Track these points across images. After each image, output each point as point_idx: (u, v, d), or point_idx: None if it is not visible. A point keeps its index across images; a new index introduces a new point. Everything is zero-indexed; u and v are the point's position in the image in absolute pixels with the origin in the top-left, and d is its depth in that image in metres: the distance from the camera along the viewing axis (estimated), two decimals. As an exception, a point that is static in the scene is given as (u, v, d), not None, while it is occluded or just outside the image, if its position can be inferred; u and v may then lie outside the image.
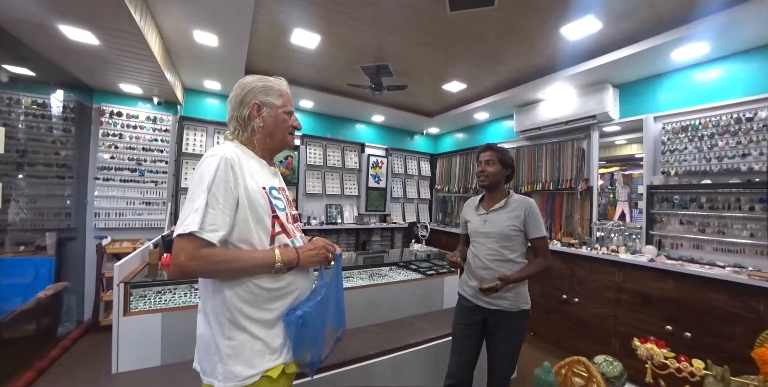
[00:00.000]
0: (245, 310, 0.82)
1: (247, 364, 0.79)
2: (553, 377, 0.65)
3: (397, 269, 2.79)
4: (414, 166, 5.29)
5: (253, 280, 0.83)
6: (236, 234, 0.82)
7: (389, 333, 1.96)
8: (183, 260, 0.74)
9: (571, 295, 2.68)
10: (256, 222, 0.84)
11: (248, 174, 0.86)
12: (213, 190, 0.78)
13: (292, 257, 0.86)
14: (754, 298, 1.84)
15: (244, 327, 0.81)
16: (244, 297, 0.82)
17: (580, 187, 3.10)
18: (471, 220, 1.66)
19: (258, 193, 0.86)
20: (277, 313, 0.86)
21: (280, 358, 0.85)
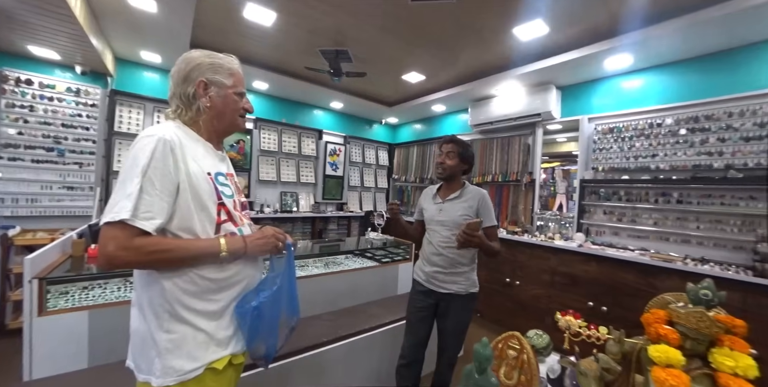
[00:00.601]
0: (187, 302, 0.77)
1: (188, 358, 0.76)
2: (490, 351, 0.72)
3: (353, 257, 2.81)
4: (372, 155, 5.28)
5: (195, 270, 0.78)
6: (176, 222, 0.76)
7: (344, 320, 1.99)
8: (112, 250, 0.67)
9: (513, 279, 2.94)
10: (199, 209, 0.79)
11: (191, 158, 0.80)
12: (149, 174, 0.71)
13: (239, 246, 0.82)
14: (654, 275, 2.18)
15: (185, 319, 0.77)
16: (186, 288, 0.77)
17: (525, 180, 3.35)
18: (427, 209, 1.72)
19: (202, 178, 0.80)
20: (223, 303, 0.82)
21: (227, 349, 0.82)
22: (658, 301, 0.66)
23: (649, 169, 2.61)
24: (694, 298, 0.59)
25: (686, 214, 2.42)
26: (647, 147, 2.64)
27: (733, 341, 0.55)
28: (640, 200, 2.62)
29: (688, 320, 0.56)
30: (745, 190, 2.20)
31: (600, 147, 2.90)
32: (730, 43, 2.32)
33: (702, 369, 0.56)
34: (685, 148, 2.46)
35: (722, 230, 2.26)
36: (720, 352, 0.55)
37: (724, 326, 0.55)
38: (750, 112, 2.24)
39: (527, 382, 0.86)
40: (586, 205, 2.92)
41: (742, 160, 2.23)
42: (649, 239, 2.57)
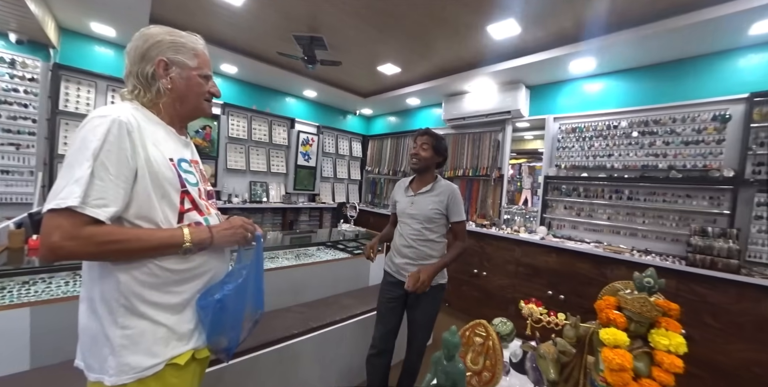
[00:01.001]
0: (146, 295, 0.73)
1: (147, 354, 0.72)
2: (458, 339, 0.76)
3: (325, 249, 2.79)
4: (345, 146, 5.22)
5: (156, 261, 0.74)
6: (134, 210, 0.71)
7: (314, 311, 1.98)
8: (56, 240, 0.61)
9: (480, 270, 3.08)
10: (160, 197, 0.74)
11: (151, 142, 0.75)
12: (101, 158, 0.66)
13: (205, 236, 0.79)
14: (605, 266, 2.38)
15: (143, 313, 0.73)
16: (145, 281, 0.73)
17: (494, 175, 3.49)
18: (399, 201, 1.74)
19: (163, 164, 0.76)
20: (186, 296, 0.79)
21: (189, 343, 0.79)
22: (609, 288, 0.73)
23: (605, 168, 2.81)
24: (638, 286, 0.66)
25: (634, 210, 2.65)
26: (605, 147, 2.83)
27: (668, 323, 0.62)
28: (597, 196, 2.83)
29: (633, 305, 0.63)
30: (683, 189, 2.45)
31: (563, 145, 3.08)
32: (677, 55, 2.55)
33: (643, 348, 0.63)
34: (636, 150, 2.68)
35: (663, 225, 2.51)
36: (657, 332, 0.62)
37: (662, 310, 0.62)
38: (690, 118, 2.47)
39: (492, 367, 0.91)
40: (549, 200, 3.11)
41: (682, 162, 2.47)
42: (603, 232, 2.79)
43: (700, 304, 2.00)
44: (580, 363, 0.73)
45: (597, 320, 0.69)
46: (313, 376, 1.78)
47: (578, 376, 0.72)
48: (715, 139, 2.37)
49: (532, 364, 0.87)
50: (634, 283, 0.66)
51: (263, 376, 1.56)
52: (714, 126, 2.38)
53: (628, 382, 0.58)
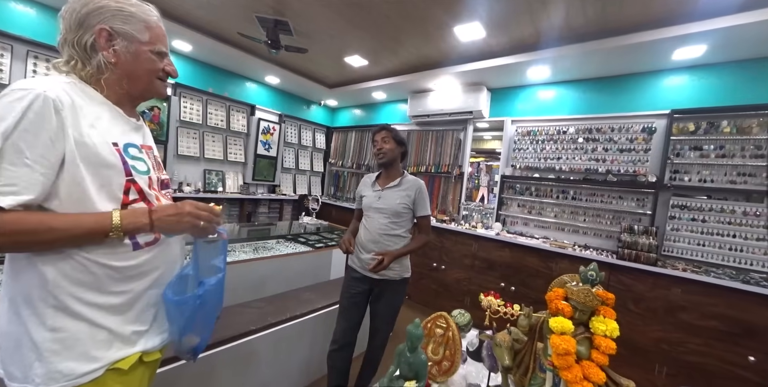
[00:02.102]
0: (82, 295, 0.66)
1: (83, 358, 0.65)
2: (421, 331, 0.79)
3: (285, 242, 2.71)
4: (309, 137, 5.08)
5: (90, 255, 0.66)
6: (62, 201, 0.63)
7: (273, 306, 1.93)
8: None
9: (439, 263, 3.20)
10: (98, 186, 0.66)
11: (88, 124, 0.66)
12: (13, 139, 0.58)
13: (141, 223, 0.68)
14: (551, 259, 2.61)
15: (79, 314, 0.65)
16: (81, 279, 0.65)
17: (455, 172, 3.63)
18: (366, 196, 1.74)
19: (104, 149, 0.67)
20: (131, 295, 0.72)
21: (136, 346, 0.73)
22: (558, 281, 0.80)
23: (554, 170, 3.06)
24: (583, 278, 0.74)
25: (577, 209, 2.93)
26: (554, 150, 3.08)
27: (605, 310, 0.71)
28: (546, 196, 3.08)
29: (578, 296, 0.71)
30: (617, 192, 2.76)
31: (519, 147, 3.29)
32: (617, 71, 2.83)
33: (584, 333, 0.71)
34: (581, 154, 2.94)
35: (600, 223, 2.80)
36: (597, 319, 0.70)
37: (601, 299, 0.70)
38: (625, 129, 2.77)
39: (451, 356, 0.97)
40: (504, 198, 3.31)
41: (617, 167, 2.77)
42: (550, 229, 3.05)
43: (626, 293, 2.29)
44: (531, 349, 0.80)
45: (547, 310, 0.76)
46: (271, 373, 1.74)
47: (529, 361, 0.79)
48: (643, 148, 2.68)
49: (488, 352, 0.94)
50: (579, 276, 0.74)
51: (220, 376, 1.49)
52: (643, 137, 2.69)
53: (572, 365, 0.66)
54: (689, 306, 2.08)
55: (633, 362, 2.20)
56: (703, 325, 2.02)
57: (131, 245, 0.71)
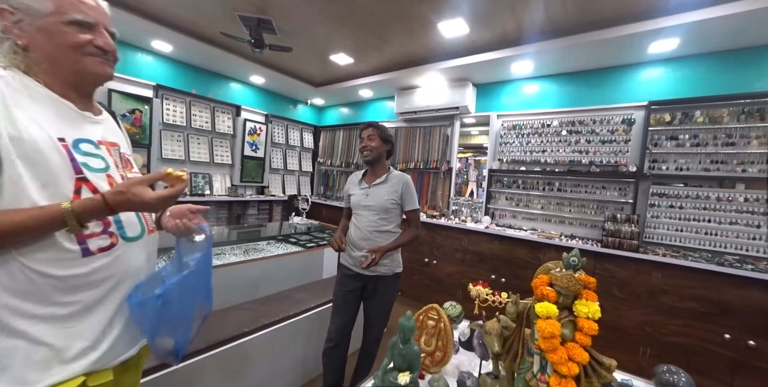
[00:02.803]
0: (18, 306, 0.58)
1: (12, 381, 0.57)
2: (412, 323, 0.81)
3: (276, 243, 2.70)
4: (296, 137, 5.04)
5: (29, 263, 0.59)
6: (5, 201, 0.58)
7: (266, 307, 1.92)
8: None
9: (431, 258, 3.24)
10: (40, 185, 0.60)
11: (29, 118, 0.60)
12: None
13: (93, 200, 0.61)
14: (539, 250, 2.67)
15: (13, 329, 0.58)
16: (17, 288, 0.58)
17: (443, 168, 3.66)
18: (354, 194, 1.75)
19: (47, 146, 0.61)
20: (81, 306, 0.64)
21: (81, 366, 0.64)
22: (543, 268, 0.83)
23: (539, 162, 3.12)
24: (566, 264, 0.76)
25: (563, 200, 3.00)
26: (539, 143, 3.14)
27: (587, 294, 0.74)
28: (532, 188, 3.14)
29: (562, 281, 0.73)
30: (600, 182, 2.84)
31: (505, 141, 3.34)
32: (597, 64, 2.90)
33: (568, 317, 0.74)
34: (565, 147, 3.01)
35: (585, 213, 2.88)
36: (580, 303, 0.73)
37: (583, 283, 0.73)
38: (606, 121, 2.85)
39: (443, 347, 0.99)
40: (492, 191, 3.37)
41: (600, 158, 2.85)
42: (537, 221, 3.12)
43: (610, 279, 2.37)
44: (519, 335, 0.83)
45: (533, 297, 0.79)
46: (266, 374, 1.74)
47: (517, 347, 0.82)
48: (624, 139, 2.76)
49: (479, 341, 0.96)
50: (562, 262, 0.77)
51: (213, 379, 1.48)
52: (623, 128, 2.77)
53: (557, 347, 0.69)
54: (669, 289, 2.16)
55: (619, 346, 2.28)
56: (683, 306, 2.11)
57: (80, 251, 0.64)
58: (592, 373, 0.72)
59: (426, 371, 1.00)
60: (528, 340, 0.78)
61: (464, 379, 0.85)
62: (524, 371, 0.78)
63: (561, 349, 0.69)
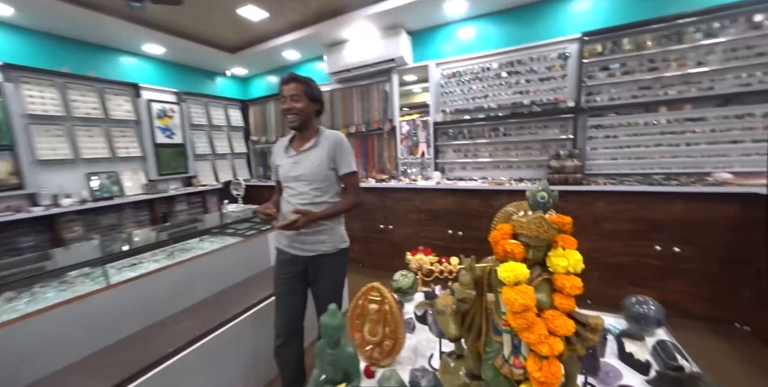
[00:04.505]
0: None
1: None
2: (338, 320, 0.56)
3: (210, 238, 2.29)
4: (220, 115, 4.34)
5: None
6: None
7: (204, 312, 1.59)
8: None
9: (386, 224, 3.03)
10: None
11: None
12: None
13: None
14: (491, 198, 2.55)
15: None
16: None
17: (387, 128, 3.35)
18: (281, 164, 1.41)
19: None
20: None
21: None
22: (502, 215, 0.60)
23: (483, 109, 2.93)
24: (533, 204, 0.53)
25: (509, 145, 2.88)
26: (481, 89, 2.93)
27: (564, 240, 0.53)
28: (479, 136, 2.98)
29: (530, 229, 0.51)
30: (542, 121, 2.73)
31: (446, 91, 3.08)
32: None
33: (541, 275, 0.52)
34: (506, 89, 2.83)
35: (530, 154, 2.79)
36: (555, 254, 0.52)
37: (557, 227, 0.51)
38: (543, 58, 2.68)
39: (393, 333, 0.76)
40: (439, 145, 3.16)
41: (540, 97, 2.72)
42: (486, 169, 3.00)
43: (562, 216, 2.34)
44: (480, 307, 0.61)
45: (493, 255, 0.57)
46: (211, 387, 1.45)
47: (480, 322, 0.61)
48: (561, 74, 2.63)
49: (435, 324, 0.74)
50: (528, 201, 0.54)
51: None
52: (559, 63, 2.63)
53: (533, 322, 0.47)
54: (610, 215, 2.20)
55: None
56: (621, 229, 2.17)
57: None
58: (575, 339, 0.53)
59: (375, 366, 0.78)
60: (493, 313, 0.57)
61: (417, 380, 0.63)
62: (492, 355, 0.57)
63: (538, 322, 0.47)
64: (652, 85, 2.37)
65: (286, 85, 1.32)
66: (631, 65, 2.41)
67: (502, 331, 0.53)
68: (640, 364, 0.72)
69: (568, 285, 0.48)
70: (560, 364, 0.47)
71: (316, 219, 1.24)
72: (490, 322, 0.58)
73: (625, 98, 2.44)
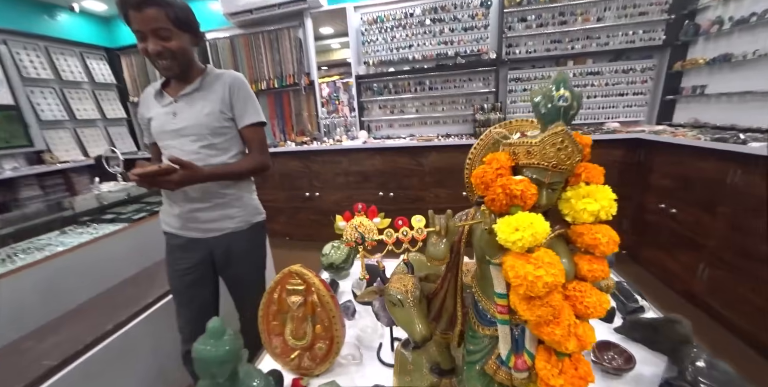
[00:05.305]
0: None
1: None
2: (225, 344, 0.29)
3: (79, 228, 1.66)
4: (75, 67, 3.14)
5: None
6: None
7: (79, 323, 1.13)
8: None
9: (312, 191, 2.67)
10: None
11: None
12: None
13: None
14: (420, 155, 2.39)
15: None
16: None
17: (304, 82, 2.83)
18: (154, 116, 0.94)
19: None
20: None
21: None
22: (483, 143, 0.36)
23: (408, 60, 2.64)
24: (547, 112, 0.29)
25: (435, 99, 2.70)
26: (405, 38, 2.60)
27: (588, 170, 0.32)
28: (404, 91, 2.72)
29: (545, 154, 0.28)
30: (466, 74, 2.59)
31: (368, 39, 2.67)
32: None
33: (556, 229, 0.32)
34: (430, 38, 2.57)
35: (456, 109, 2.67)
36: (577, 193, 0.31)
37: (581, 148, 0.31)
38: (466, 4, 2.45)
39: (327, 332, 0.52)
40: (364, 102, 2.82)
41: (464, 48, 2.54)
42: (414, 126, 2.80)
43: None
44: (453, 286, 0.40)
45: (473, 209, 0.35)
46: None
47: (453, 307, 0.40)
48: (483, 24, 2.46)
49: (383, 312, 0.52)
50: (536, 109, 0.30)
51: None
52: (482, 11, 2.44)
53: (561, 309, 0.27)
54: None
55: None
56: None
57: None
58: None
59: (308, 375, 0.54)
60: (477, 294, 0.37)
61: None
62: (478, 357, 0.36)
63: (565, 309, 0.28)
64: (561, 38, 2.39)
65: (137, 12, 0.80)
66: (545, 18, 2.38)
67: (499, 322, 0.33)
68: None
69: (603, 240, 0.29)
70: (589, 363, 0.29)
71: (203, 178, 0.85)
72: (471, 308, 0.38)
73: (540, 51, 2.42)
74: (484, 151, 0.36)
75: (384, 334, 0.62)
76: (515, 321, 0.32)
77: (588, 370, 0.29)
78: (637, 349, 0.57)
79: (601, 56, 2.40)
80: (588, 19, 2.33)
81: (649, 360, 0.56)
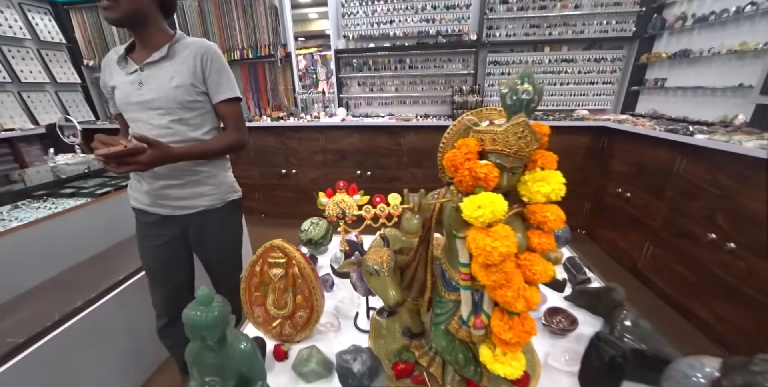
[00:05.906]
0: None
1: None
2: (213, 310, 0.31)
3: (35, 203, 1.55)
4: (14, 21, 2.76)
5: None
6: None
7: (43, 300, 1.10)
8: None
9: (289, 168, 2.62)
10: None
11: None
12: None
13: None
14: (398, 134, 2.39)
15: None
16: None
17: (280, 54, 2.67)
18: (118, 85, 0.86)
19: None
20: None
21: None
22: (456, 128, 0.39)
23: (389, 37, 2.55)
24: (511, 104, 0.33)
25: (415, 78, 2.66)
26: (386, 12, 2.50)
27: (544, 157, 0.37)
28: (384, 68, 2.65)
29: (508, 141, 0.32)
30: (446, 54, 2.56)
31: (348, 11, 2.54)
32: None
33: (514, 208, 0.37)
34: (412, 15, 2.49)
35: (435, 89, 2.66)
36: (533, 177, 0.36)
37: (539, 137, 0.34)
38: (448, -19, 2.38)
39: (307, 301, 0.56)
40: (342, 78, 2.73)
41: (445, 27, 2.49)
42: (393, 105, 2.76)
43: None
44: (425, 258, 0.45)
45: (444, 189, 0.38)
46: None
47: (423, 276, 0.45)
48: (465, 3, 2.41)
49: (360, 283, 0.56)
50: (504, 99, 0.33)
51: None
52: (464, -12, 2.39)
53: (512, 275, 0.32)
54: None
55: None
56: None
57: None
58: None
59: (288, 342, 0.58)
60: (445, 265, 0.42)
61: (348, 365, 0.45)
62: (444, 319, 0.42)
63: (517, 274, 0.33)
64: (540, 23, 2.40)
65: None
66: (526, 1, 2.36)
67: (461, 288, 0.38)
68: (557, 283, 0.73)
69: (551, 218, 0.34)
70: (534, 319, 0.35)
71: (176, 157, 0.80)
72: (439, 277, 0.43)
73: (519, 35, 2.42)
74: (457, 136, 0.39)
75: (360, 304, 0.67)
76: (475, 287, 0.37)
77: (532, 325, 0.35)
78: (581, 314, 0.66)
79: (576, 44, 2.45)
80: (566, 5, 2.35)
81: (590, 322, 0.65)
